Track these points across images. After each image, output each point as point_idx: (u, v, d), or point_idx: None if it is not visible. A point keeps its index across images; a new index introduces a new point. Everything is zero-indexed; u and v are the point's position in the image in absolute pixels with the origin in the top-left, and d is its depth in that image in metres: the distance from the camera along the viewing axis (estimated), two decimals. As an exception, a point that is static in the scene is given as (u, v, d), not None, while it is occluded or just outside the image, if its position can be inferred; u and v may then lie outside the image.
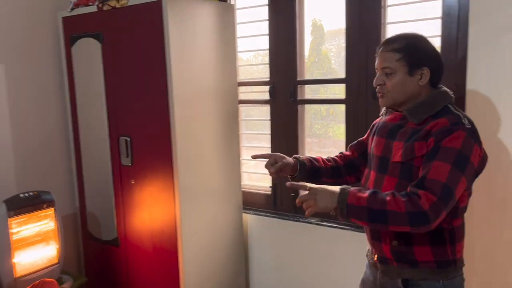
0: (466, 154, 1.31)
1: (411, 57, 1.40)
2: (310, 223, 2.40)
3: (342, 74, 2.33)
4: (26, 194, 2.24)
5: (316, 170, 1.64)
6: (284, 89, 2.46)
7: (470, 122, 1.37)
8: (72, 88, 2.57)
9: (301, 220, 2.44)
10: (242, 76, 2.69)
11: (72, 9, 2.46)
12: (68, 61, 2.57)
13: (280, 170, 1.60)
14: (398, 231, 1.34)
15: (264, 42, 2.52)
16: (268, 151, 2.57)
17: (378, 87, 1.46)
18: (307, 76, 2.47)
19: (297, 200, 1.38)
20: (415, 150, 1.36)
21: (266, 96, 2.56)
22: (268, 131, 2.59)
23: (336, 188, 1.36)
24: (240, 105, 2.63)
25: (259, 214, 2.60)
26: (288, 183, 1.45)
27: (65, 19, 2.53)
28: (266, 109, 2.61)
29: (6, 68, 2.40)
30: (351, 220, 1.35)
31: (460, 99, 1.95)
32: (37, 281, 2.04)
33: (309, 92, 2.49)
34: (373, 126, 1.63)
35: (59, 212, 2.37)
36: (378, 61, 1.46)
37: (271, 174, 1.62)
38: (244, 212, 2.64)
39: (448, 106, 1.41)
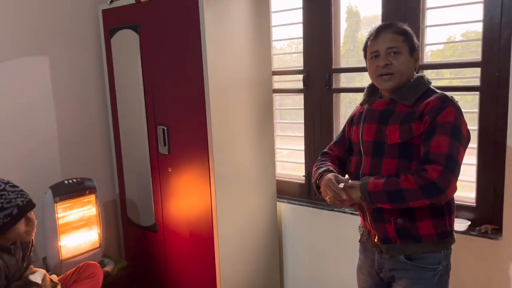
0: (458, 127, 1.41)
1: (410, 40, 1.53)
2: (344, 212, 2.39)
3: (378, 62, 2.28)
4: (70, 181, 2.34)
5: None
6: (318, 77, 2.45)
7: (453, 98, 1.48)
8: (112, 79, 2.66)
9: (335, 209, 2.43)
10: (275, 65, 2.69)
11: (111, 1, 2.53)
12: (107, 53, 2.64)
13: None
14: (419, 205, 1.42)
15: (298, 31, 2.51)
16: (301, 140, 2.58)
17: (384, 68, 1.50)
18: (342, 64, 2.44)
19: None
20: (414, 130, 1.45)
21: (299, 85, 2.55)
22: (301, 120, 2.59)
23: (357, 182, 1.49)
24: (274, 94, 2.64)
25: (293, 203, 2.61)
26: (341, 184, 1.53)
27: (105, 12, 2.60)
28: (299, 98, 2.60)
29: (51, 60, 2.50)
30: (377, 205, 1.46)
31: (504, 86, 1.88)
32: (81, 264, 2.14)
33: (344, 80, 2.47)
34: (352, 117, 1.72)
35: (100, 199, 2.47)
36: (381, 42, 1.52)
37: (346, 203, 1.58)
38: (278, 201, 2.66)
39: (430, 88, 1.52)
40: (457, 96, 2.07)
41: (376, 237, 1.58)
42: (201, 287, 2.40)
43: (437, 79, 2.18)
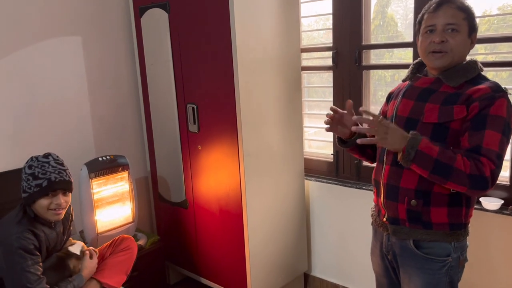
0: (509, 122, 1.36)
1: (472, 20, 1.43)
2: (372, 190, 2.38)
3: (409, 38, 2.23)
4: (104, 158, 2.41)
5: None
6: (347, 54, 2.41)
7: (507, 89, 1.40)
8: (142, 58, 2.69)
9: (363, 187, 2.43)
10: (303, 42, 2.66)
11: (140, -20, 2.54)
12: (137, 32, 2.68)
13: (339, 122, 1.62)
14: (453, 188, 1.37)
15: (326, 7, 2.47)
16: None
17: (439, 44, 1.42)
18: (371, 41, 2.40)
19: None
20: (454, 114, 1.38)
21: (327, 62, 2.52)
22: (329, 97, 2.57)
23: (405, 133, 1.39)
24: (303, 71, 2.62)
25: (320, 181, 2.62)
26: (360, 108, 1.48)
27: (134, -9, 2.63)
28: (327, 75, 2.58)
29: (83, 40, 2.56)
30: (412, 166, 1.37)
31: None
32: (117, 237, 2.22)
33: (373, 57, 2.43)
34: (390, 94, 1.67)
35: (132, 175, 2.54)
36: (441, 16, 1.42)
37: (329, 118, 1.62)
38: (306, 179, 2.67)
39: (481, 74, 1.45)
40: (492, 72, 2.02)
41: (385, 216, 1.54)
42: (231, 262, 2.46)
43: (471, 54, 2.11)
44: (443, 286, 1.48)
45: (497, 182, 2.01)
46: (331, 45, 2.48)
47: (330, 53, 2.49)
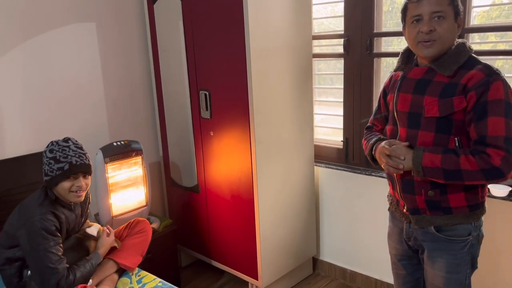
0: (509, 102, 1.35)
1: (456, 3, 1.41)
2: (382, 177, 2.42)
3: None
4: (118, 143, 2.46)
5: None
6: (359, 42, 2.43)
7: (498, 69, 1.39)
8: (155, 44, 2.72)
9: (373, 174, 2.47)
10: (314, 29, 2.67)
11: (153, -33, 2.55)
12: (150, 19, 2.70)
13: None
14: (474, 184, 1.41)
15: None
16: (340, 105, 2.60)
17: (428, 34, 1.40)
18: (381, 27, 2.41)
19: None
20: (455, 105, 1.38)
21: (337, 49, 2.54)
22: (339, 85, 2.59)
23: (410, 151, 1.45)
24: (314, 59, 2.64)
25: (330, 167, 2.66)
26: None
27: (147, -22, 2.64)
28: (335, 62, 2.59)
29: (97, 26, 2.59)
30: (429, 179, 1.44)
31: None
32: (132, 220, 2.28)
33: (382, 43, 2.44)
34: (386, 87, 1.66)
35: (146, 160, 2.59)
36: (425, 5, 1.39)
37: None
38: (316, 165, 2.71)
39: (472, 56, 1.43)
40: (501, 60, 2.04)
41: (405, 208, 1.57)
42: (242, 245, 2.52)
43: (481, 42, 2.13)
44: (466, 264, 1.52)
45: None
46: (343, 32, 2.49)
47: (340, 40, 2.51)
